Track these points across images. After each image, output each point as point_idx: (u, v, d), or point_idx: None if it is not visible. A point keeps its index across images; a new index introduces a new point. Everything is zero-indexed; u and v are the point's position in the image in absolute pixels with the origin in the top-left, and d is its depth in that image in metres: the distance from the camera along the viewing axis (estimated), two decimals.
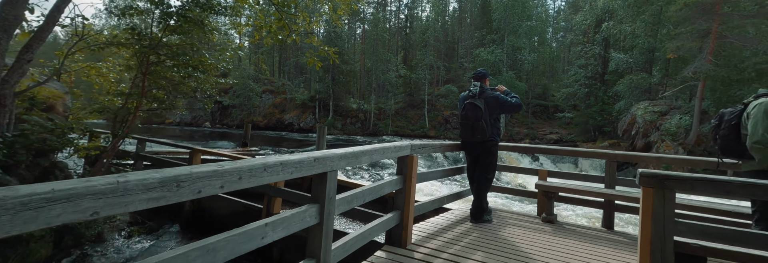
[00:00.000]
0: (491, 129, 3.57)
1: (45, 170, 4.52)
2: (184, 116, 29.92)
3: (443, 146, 3.75)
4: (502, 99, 3.62)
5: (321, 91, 28.94)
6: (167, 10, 5.00)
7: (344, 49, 30.41)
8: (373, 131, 29.15)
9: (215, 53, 5.93)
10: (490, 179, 3.75)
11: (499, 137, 3.75)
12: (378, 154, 2.53)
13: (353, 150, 2.16)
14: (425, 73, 30.51)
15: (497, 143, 3.71)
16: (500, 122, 3.90)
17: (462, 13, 43.03)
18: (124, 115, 5.25)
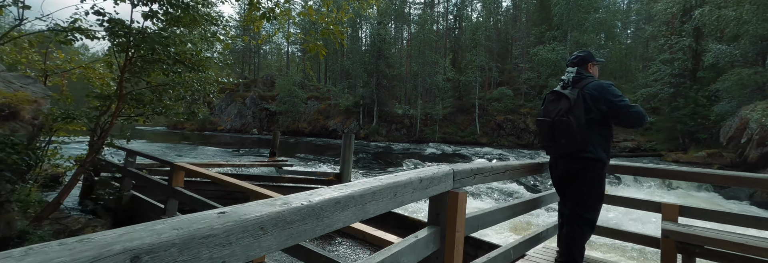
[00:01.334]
0: (589, 136, 2.09)
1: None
2: (233, 123, 30.87)
3: (511, 170, 2.16)
4: (616, 96, 2.07)
5: (365, 96, 28.07)
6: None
7: (389, 53, 29.35)
8: (419, 137, 27.52)
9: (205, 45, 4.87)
10: (591, 221, 2.19)
11: (607, 153, 2.15)
12: (387, 194, 1.11)
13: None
14: (476, 75, 28.29)
15: (601, 160, 2.11)
16: (609, 130, 2.21)
17: (516, 11, 40.01)
18: (105, 122, 4.35)
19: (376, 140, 26.75)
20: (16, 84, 4.63)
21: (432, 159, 15.93)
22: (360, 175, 10.62)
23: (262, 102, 31.50)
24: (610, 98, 2.06)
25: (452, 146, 23.64)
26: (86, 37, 3.81)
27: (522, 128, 26.34)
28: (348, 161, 6.89)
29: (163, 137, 26.97)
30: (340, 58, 33.95)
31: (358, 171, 11.17)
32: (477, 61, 28.07)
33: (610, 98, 2.06)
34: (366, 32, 35.47)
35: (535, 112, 26.74)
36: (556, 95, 2.24)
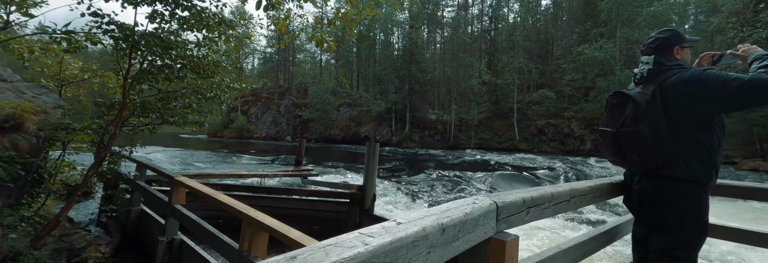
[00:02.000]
0: (675, 148, 1.46)
1: None
2: (269, 131, 31.53)
3: (579, 196, 1.46)
4: (718, 78, 1.38)
5: (397, 102, 27.50)
6: None
7: (421, 57, 28.67)
8: (453, 144, 26.41)
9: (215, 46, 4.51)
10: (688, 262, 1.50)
11: (709, 169, 1.50)
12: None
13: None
14: (513, 77, 26.80)
15: (698, 180, 1.48)
16: (711, 136, 1.50)
17: (557, 9, 37.89)
18: (108, 132, 4.06)
19: (409, 146, 26.01)
20: (27, 94, 4.52)
21: (468, 167, 14.93)
22: (388, 185, 9.97)
23: (295, 110, 31.97)
24: (711, 85, 1.37)
25: (489, 153, 22.32)
26: (91, 42, 3.53)
27: (566, 132, 24.42)
28: (372, 172, 6.27)
29: (204, 145, 27.96)
30: (373, 64, 33.79)
31: (386, 182, 10.52)
32: (515, 63, 26.61)
33: (711, 84, 1.37)
34: (397, 37, 35.11)
35: (581, 116, 24.73)
36: (619, 97, 1.62)
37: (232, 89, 5.17)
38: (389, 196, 8.82)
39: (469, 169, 13.96)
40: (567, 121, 25.18)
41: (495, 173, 12.57)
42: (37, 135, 4.06)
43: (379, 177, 11.83)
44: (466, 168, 14.38)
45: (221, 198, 3.30)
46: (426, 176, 11.77)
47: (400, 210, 7.96)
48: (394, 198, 8.74)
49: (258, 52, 38.10)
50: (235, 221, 5.36)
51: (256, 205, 6.18)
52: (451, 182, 10.76)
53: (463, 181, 11.07)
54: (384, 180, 10.70)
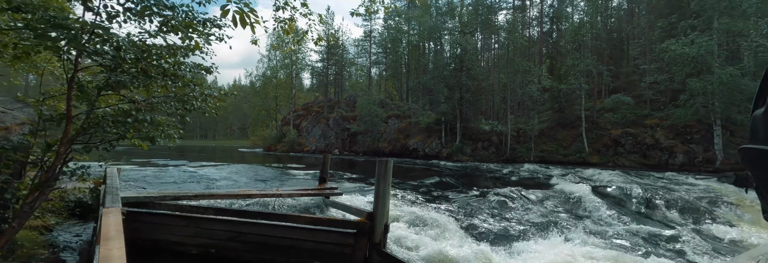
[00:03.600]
0: None
1: None
2: (318, 144, 31.82)
3: None
4: None
5: (447, 112, 25.91)
6: None
7: (473, 64, 26.92)
8: (510, 156, 23.90)
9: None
10: None
11: None
12: None
13: None
14: (580, 82, 23.70)
15: None
16: None
17: (632, 4, 33.55)
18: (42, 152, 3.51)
19: (460, 159, 24.10)
20: None
21: (528, 184, 12.85)
22: (424, 205, 8.57)
23: (344, 123, 31.95)
24: None
25: (553, 167, 19.58)
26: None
27: (648, 143, 20.64)
28: (383, 197, 5.10)
29: (259, 158, 28.95)
30: (422, 74, 32.74)
31: (423, 200, 9.14)
32: (581, 65, 23.56)
33: None
34: (448, 45, 33.74)
35: (668, 123, 20.77)
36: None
37: (214, 98, 4.45)
38: (422, 220, 7.44)
39: (529, 186, 11.93)
40: (650, 130, 21.35)
41: (560, 193, 10.47)
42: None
43: (421, 193, 10.49)
44: (526, 185, 12.33)
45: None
46: (475, 195, 10.13)
47: (430, 238, 6.56)
48: (428, 222, 7.34)
49: (309, 67, 39.51)
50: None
51: (248, 233, 5.34)
52: (504, 203, 9.03)
53: (522, 202, 9.23)
54: (423, 199, 9.34)
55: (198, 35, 4.76)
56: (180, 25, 4.42)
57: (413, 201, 9.10)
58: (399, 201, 8.95)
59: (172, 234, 5.43)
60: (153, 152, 27.39)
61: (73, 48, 3.12)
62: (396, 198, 9.45)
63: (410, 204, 8.64)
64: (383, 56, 40.95)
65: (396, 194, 10.19)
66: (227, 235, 5.38)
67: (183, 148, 40.70)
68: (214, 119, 78.17)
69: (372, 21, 40.04)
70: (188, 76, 4.13)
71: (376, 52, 41.37)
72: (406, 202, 8.94)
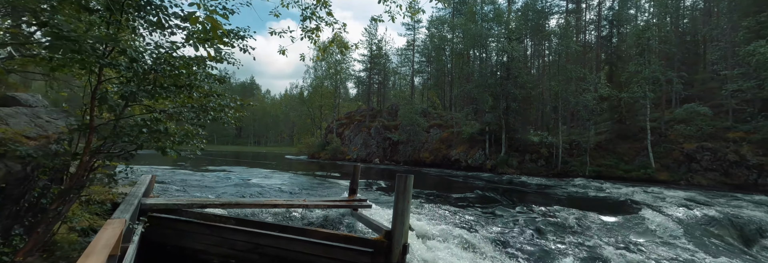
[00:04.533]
0: None
1: None
2: (360, 152, 32.01)
3: None
4: None
5: (491, 122, 24.74)
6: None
7: (520, 72, 25.58)
8: (561, 170, 22.05)
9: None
10: None
11: None
12: None
13: None
14: (644, 90, 21.37)
15: None
16: None
17: (709, 3, 29.99)
18: (62, 162, 3.67)
19: (506, 172, 22.73)
20: (42, 119, 4.59)
21: (581, 202, 11.60)
22: (457, 223, 7.98)
23: (385, 132, 31.91)
24: None
25: (611, 184, 17.64)
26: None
27: (731, 160, 17.87)
28: (402, 214, 4.73)
29: (303, 165, 29.71)
30: (466, 83, 31.84)
31: (459, 217, 8.53)
32: (646, 71, 21.29)
33: None
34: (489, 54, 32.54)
35: (757, 138, 17.86)
36: None
37: (229, 108, 4.46)
38: (458, 240, 6.88)
39: (583, 205, 10.73)
40: (733, 144, 18.51)
41: (631, 215, 9.21)
42: (23, 162, 3.90)
43: (459, 208, 9.88)
44: (579, 204, 11.12)
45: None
46: (521, 213, 9.30)
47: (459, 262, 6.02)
48: (464, 241, 6.77)
49: (353, 77, 40.37)
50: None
51: (266, 245, 5.24)
52: (559, 226, 8.12)
53: (581, 225, 8.23)
54: (461, 215, 8.74)
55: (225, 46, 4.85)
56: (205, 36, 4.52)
57: (450, 217, 8.54)
58: (434, 216, 8.46)
59: (197, 242, 5.50)
60: (213, 159, 29.39)
61: (96, 61, 3.24)
62: (429, 212, 8.96)
63: (445, 220, 8.12)
64: (426, 65, 40.64)
65: (432, 207, 9.67)
66: (247, 246, 5.33)
67: (239, 154, 43.28)
68: (266, 126, 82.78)
69: (415, 30, 40.10)
70: (206, 86, 4.17)
71: (419, 61, 41.20)
72: (440, 218, 8.42)
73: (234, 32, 4.84)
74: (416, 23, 40.05)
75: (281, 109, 78.93)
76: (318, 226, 7.21)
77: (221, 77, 4.15)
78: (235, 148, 65.75)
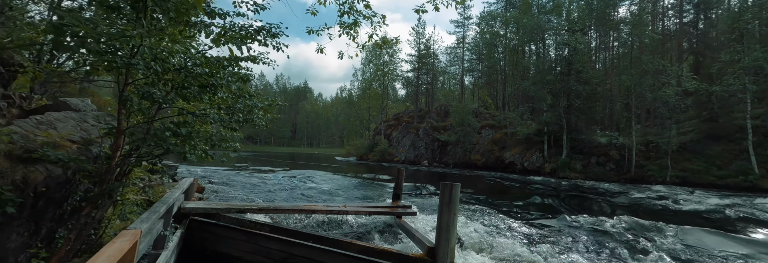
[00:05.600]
0: None
1: None
2: (408, 154, 31.39)
3: None
4: None
5: (550, 122, 22.71)
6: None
7: (583, 66, 23.21)
8: (636, 175, 19.49)
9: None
10: None
11: None
12: None
13: None
14: (743, 82, 18.10)
15: None
16: None
17: None
18: (102, 168, 3.61)
19: (567, 176, 20.67)
20: (88, 123, 4.70)
21: (665, 214, 9.88)
22: (532, 247, 7.06)
23: (434, 133, 30.95)
24: None
25: (703, 191, 15.09)
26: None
27: None
28: (448, 229, 4.09)
29: (352, 167, 29.90)
30: (521, 80, 29.79)
31: (510, 230, 7.58)
32: (745, 60, 18.02)
33: None
34: (547, 48, 30.03)
35: None
36: None
37: (258, 108, 4.19)
38: (512, 257, 6.04)
39: (675, 218, 9.12)
40: None
41: (736, 232, 7.59)
42: (64, 166, 3.94)
43: (514, 218, 8.91)
44: (668, 216, 9.47)
45: None
46: (591, 224, 8.10)
47: None
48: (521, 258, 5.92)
49: (400, 78, 39.90)
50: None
51: (299, 256, 4.90)
52: (639, 239, 6.88)
53: (672, 245, 6.87)
54: (517, 225, 7.82)
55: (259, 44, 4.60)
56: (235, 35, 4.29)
57: (505, 228, 7.65)
58: (487, 227, 7.63)
59: (233, 248, 5.36)
60: (270, 159, 30.83)
61: (121, 62, 3.08)
62: (480, 220, 8.13)
63: (500, 232, 7.25)
64: (477, 63, 38.84)
65: (484, 215, 8.81)
66: (281, 256, 5.06)
67: (293, 155, 45.15)
68: (318, 128, 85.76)
69: (464, 27, 38.57)
70: (232, 87, 3.92)
71: (470, 59, 39.52)
72: (494, 228, 7.57)
73: (265, 29, 4.59)
74: (465, 20, 38.57)
75: (332, 111, 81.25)
76: (358, 234, 6.80)
77: (245, 75, 3.86)
78: (290, 149, 68.91)
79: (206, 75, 3.37)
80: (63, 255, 3.51)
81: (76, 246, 3.66)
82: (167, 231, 4.20)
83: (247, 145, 73.77)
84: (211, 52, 4.31)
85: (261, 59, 4.53)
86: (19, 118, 4.46)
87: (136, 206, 5.59)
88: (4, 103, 4.57)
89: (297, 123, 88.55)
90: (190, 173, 14.29)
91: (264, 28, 4.58)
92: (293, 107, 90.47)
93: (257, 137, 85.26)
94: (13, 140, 3.78)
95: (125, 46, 3.10)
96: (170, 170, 11.49)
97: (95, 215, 3.78)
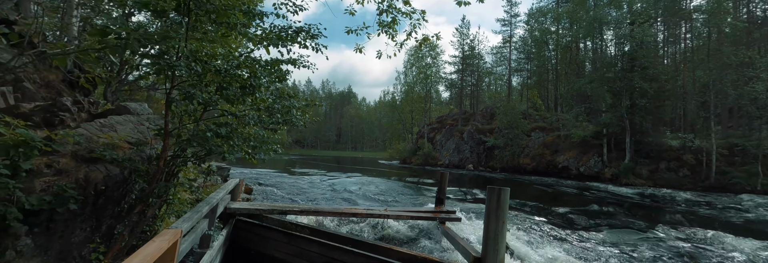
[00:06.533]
0: None
1: None
2: (452, 158, 30.49)
3: None
4: None
5: (610, 123, 20.80)
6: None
7: (650, 62, 21.04)
8: (716, 182, 17.12)
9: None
10: None
11: None
12: None
13: None
14: None
15: None
16: None
17: None
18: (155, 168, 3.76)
19: (632, 183, 18.72)
20: (144, 126, 4.99)
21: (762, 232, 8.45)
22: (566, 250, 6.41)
23: (479, 136, 29.80)
24: None
25: None
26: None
27: None
28: (494, 238, 3.73)
29: (395, 171, 29.72)
30: (574, 78, 27.75)
31: (568, 242, 6.88)
32: None
33: None
34: (606, 43, 27.62)
35: None
36: None
37: (296, 108, 4.15)
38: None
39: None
40: None
41: None
42: (121, 166, 4.19)
43: (572, 227, 8.16)
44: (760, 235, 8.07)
45: None
46: (664, 238, 7.15)
47: None
48: None
49: (443, 80, 39.08)
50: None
51: (339, 260, 4.78)
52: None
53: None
54: (575, 237, 7.13)
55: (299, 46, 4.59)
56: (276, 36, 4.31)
57: (560, 240, 6.99)
58: (540, 237, 7.02)
59: (276, 250, 5.39)
60: (316, 163, 31.80)
61: (166, 64, 3.19)
62: (532, 230, 7.50)
63: (556, 244, 6.62)
64: (525, 62, 36.91)
65: (536, 225, 8.14)
66: (322, 259, 4.98)
67: (338, 158, 46.16)
68: (362, 132, 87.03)
69: (511, 25, 36.91)
70: (271, 88, 3.92)
71: (517, 59, 37.66)
72: (547, 239, 6.94)
73: (304, 30, 4.58)
74: (513, 18, 36.88)
75: (375, 115, 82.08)
76: (399, 240, 6.56)
77: (282, 74, 3.83)
78: (335, 153, 70.65)
79: (244, 76, 3.38)
80: (118, 250, 3.69)
81: (130, 242, 3.83)
82: (212, 231, 4.30)
83: (294, 149, 76.93)
84: (252, 55, 4.36)
85: (301, 62, 4.52)
86: (87, 121, 4.85)
87: (190, 205, 5.86)
88: (75, 108, 5.01)
89: (342, 127, 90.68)
90: (243, 174, 15.02)
91: (303, 30, 4.57)
92: (338, 111, 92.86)
93: (304, 141, 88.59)
94: (78, 142, 4.07)
95: (171, 49, 3.20)
96: (223, 172, 12.15)
97: (147, 213, 3.95)
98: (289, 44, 4.36)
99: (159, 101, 12.90)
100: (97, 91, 7.19)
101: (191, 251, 4.40)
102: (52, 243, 3.48)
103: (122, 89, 8.22)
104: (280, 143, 4.49)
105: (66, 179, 3.69)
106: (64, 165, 3.79)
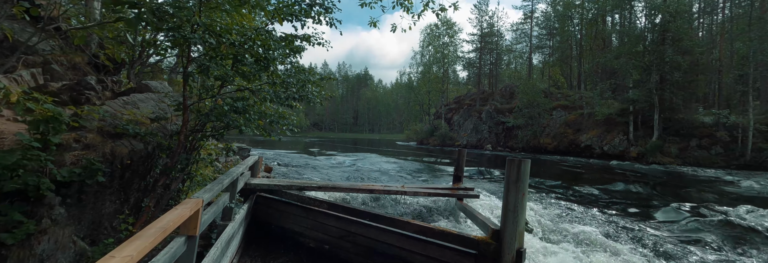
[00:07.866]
0: None
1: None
2: (470, 138, 30.13)
3: None
4: None
5: (638, 100, 19.87)
6: None
7: (683, 33, 19.68)
8: (752, 160, 16.31)
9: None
10: None
11: None
12: None
13: None
14: None
15: None
16: None
17: None
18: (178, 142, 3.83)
19: (660, 161, 18.08)
20: (164, 103, 5.07)
21: None
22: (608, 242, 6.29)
23: (498, 116, 29.19)
24: None
25: None
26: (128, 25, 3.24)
27: None
28: (514, 210, 3.67)
29: (412, 152, 29.82)
30: (599, 53, 26.40)
31: (594, 219, 6.76)
32: None
33: None
34: (635, 15, 25.87)
35: None
36: None
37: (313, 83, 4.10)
38: (597, 247, 5.40)
39: None
40: None
41: None
42: (144, 141, 4.31)
43: (596, 204, 8.02)
44: None
45: None
46: (691, 216, 6.94)
47: None
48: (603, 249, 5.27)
49: (462, 59, 37.95)
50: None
51: (357, 234, 4.87)
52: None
53: None
54: (601, 215, 7.01)
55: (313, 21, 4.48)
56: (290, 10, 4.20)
57: (584, 216, 6.88)
58: (556, 213, 6.94)
59: (295, 224, 5.54)
60: (335, 144, 32.17)
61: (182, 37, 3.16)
62: (552, 207, 7.41)
63: (579, 220, 6.54)
64: (547, 39, 35.25)
65: (556, 201, 8.04)
66: (339, 233, 5.09)
67: (356, 140, 46.57)
68: (379, 114, 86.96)
69: (533, 0, 35.03)
70: (286, 61, 3.86)
71: (539, 35, 35.98)
72: (570, 215, 6.85)
73: (318, 3, 4.45)
74: None
75: (392, 97, 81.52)
76: (417, 216, 6.61)
77: (297, 47, 3.76)
78: (352, 135, 71.23)
79: (257, 47, 3.32)
80: (145, 221, 3.85)
81: (156, 213, 4.00)
82: (233, 204, 4.43)
83: (312, 131, 77.92)
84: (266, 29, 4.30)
85: (316, 39, 4.42)
86: (110, 99, 4.98)
87: (211, 180, 6.05)
88: (99, 86, 5.13)
89: (358, 110, 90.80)
90: (263, 155, 15.38)
91: (316, 3, 4.44)
92: (355, 93, 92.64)
93: (322, 124, 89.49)
94: (103, 118, 4.19)
95: (185, 23, 3.16)
96: (244, 153, 12.47)
97: (171, 186, 4.09)
98: (303, 18, 4.25)
99: (180, 82, 13.17)
100: (121, 74, 7.38)
101: (214, 222, 4.57)
102: (84, 214, 3.66)
103: (144, 71, 8.39)
104: (297, 125, 4.49)
105: (93, 154, 3.83)
106: (91, 140, 3.93)
